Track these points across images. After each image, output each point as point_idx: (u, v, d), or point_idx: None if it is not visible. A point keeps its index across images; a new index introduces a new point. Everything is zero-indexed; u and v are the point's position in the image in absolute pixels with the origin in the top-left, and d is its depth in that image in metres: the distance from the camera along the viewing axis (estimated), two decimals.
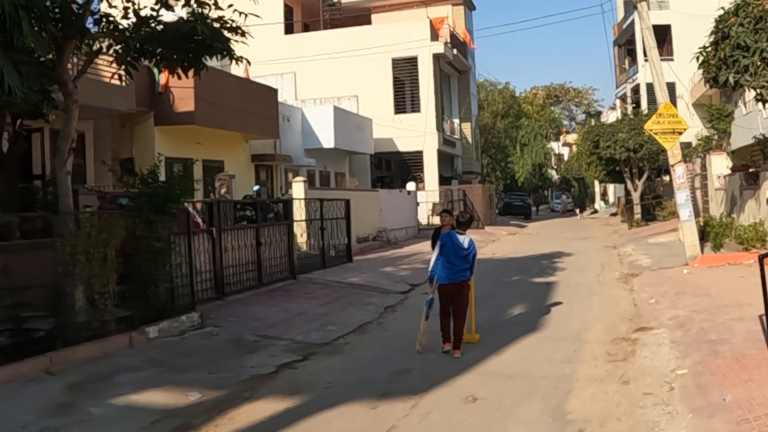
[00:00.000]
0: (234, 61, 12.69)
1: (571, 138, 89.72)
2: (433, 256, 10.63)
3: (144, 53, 12.43)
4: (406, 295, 16.42)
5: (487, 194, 42.66)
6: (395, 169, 43.43)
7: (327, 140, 32.61)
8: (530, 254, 24.50)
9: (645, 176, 36.42)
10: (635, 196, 36.40)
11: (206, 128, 23.41)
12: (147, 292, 11.56)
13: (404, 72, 40.78)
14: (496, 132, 68.68)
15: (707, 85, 19.02)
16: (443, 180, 43.30)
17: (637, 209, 35.95)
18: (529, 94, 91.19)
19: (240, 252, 15.46)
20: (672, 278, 15.55)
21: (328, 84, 40.29)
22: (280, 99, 37.86)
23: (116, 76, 14.02)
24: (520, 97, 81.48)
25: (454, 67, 45.70)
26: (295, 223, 19.91)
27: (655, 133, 17.78)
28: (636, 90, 48.77)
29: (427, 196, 37.67)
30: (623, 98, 53.43)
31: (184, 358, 10.40)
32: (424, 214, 37.89)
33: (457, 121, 47.34)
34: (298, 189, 22.19)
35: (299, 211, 20.17)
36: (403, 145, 40.29)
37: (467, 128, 48.61)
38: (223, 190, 18.24)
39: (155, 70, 21.92)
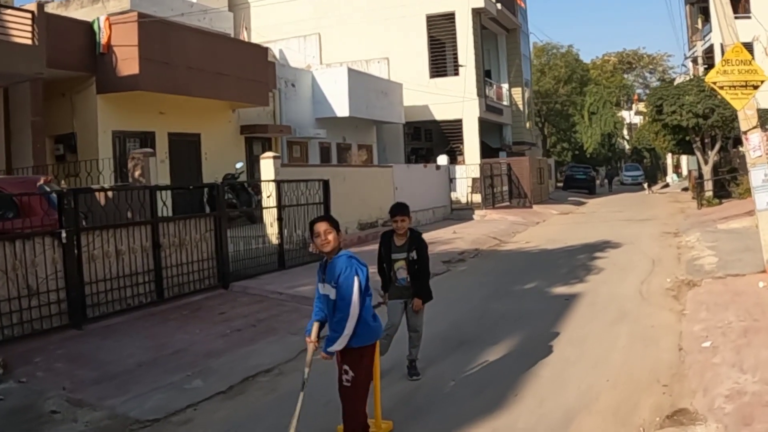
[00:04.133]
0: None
1: (644, 106, 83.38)
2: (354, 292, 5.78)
3: None
4: None
5: (536, 167, 37.51)
6: (436, 140, 38.54)
7: (341, 108, 28.20)
8: (568, 244, 19.56)
9: (717, 147, 30.82)
10: (706, 170, 30.88)
11: (172, 96, 19.14)
12: None
13: (440, 30, 35.96)
14: (559, 99, 63.30)
15: None
16: (490, 152, 38.51)
17: (709, 185, 30.43)
18: (600, 61, 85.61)
19: (120, 259, 11.02)
20: (742, 296, 10.54)
21: (355, 46, 35.99)
22: (300, 62, 33.70)
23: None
24: (589, 64, 76.00)
25: (501, 24, 40.58)
26: (265, 211, 16.03)
27: (721, 87, 12.55)
28: (709, 51, 42.73)
29: (467, 171, 32.67)
30: (695, 61, 47.31)
31: None
32: (463, 192, 32.94)
33: (505, 86, 42.25)
34: (267, 167, 17.65)
35: (269, 196, 15.91)
36: (440, 113, 35.60)
37: (517, 93, 43.39)
38: (137, 173, 13.76)
39: (96, 27, 17.79)
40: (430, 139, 38.64)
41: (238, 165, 21.61)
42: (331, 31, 36.76)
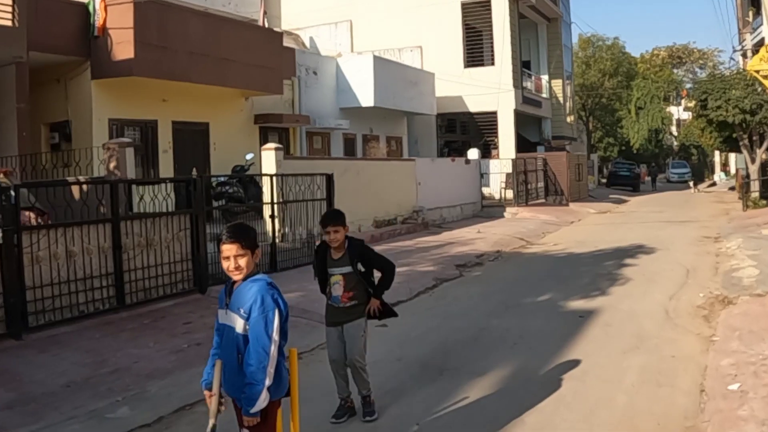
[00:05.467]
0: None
1: (687, 101, 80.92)
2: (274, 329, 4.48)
3: None
4: None
5: (574, 163, 35.76)
6: (472, 132, 36.96)
7: (365, 97, 26.80)
8: (597, 248, 18.01)
9: (766, 144, 28.86)
10: (753, 170, 28.93)
11: (175, 82, 17.95)
12: None
13: (476, 18, 34.37)
14: (604, 92, 61.32)
15: None
16: (528, 146, 36.95)
17: (755, 186, 28.47)
18: (649, 55, 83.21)
19: (71, 262, 9.78)
20: None
21: (387, 34, 34.56)
22: (331, 50, 32.34)
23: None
24: (637, 58, 73.79)
25: (541, 13, 38.83)
26: (265, 207, 14.89)
27: (765, 76, 10.97)
28: (759, 44, 40.51)
29: (501, 166, 31.09)
30: (744, 55, 45.06)
31: None
32: (497, 188, 31.39)
33: (545, 77, 40.48)
34: (269, 159, 16.36)
35: (269, 191, 14.72)
36: (475, 105, 34.09)
37: (558, 86, 41.58)
38: (111, 165, 12.49)
39: (91, 9, 16.64)
40: (466, 131, 37.09)
41: (249, 156, 20.33)
42: (362, 18, 35.37)
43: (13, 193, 8.89)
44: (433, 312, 11.26)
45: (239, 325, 4.38)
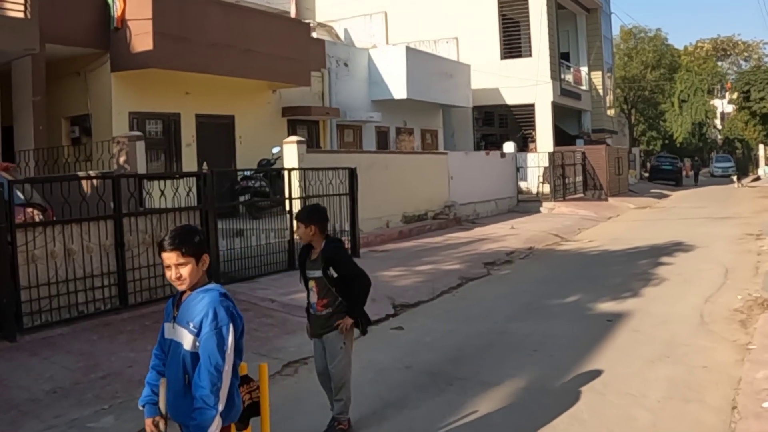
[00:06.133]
0: None
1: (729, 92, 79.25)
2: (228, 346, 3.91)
3: None
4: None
5: (614, 157, 34.83)
6: (510, 126, 36.18)
7: (398, 89, 26.25)
8: (633, 245, 17.28)
9: None
10: None
11: (198, 74, 17.57)
12: None
13: (513, 9, 33.70)
14: (647, 85, 60.13)
15: None
16: (568, 139, 36.19)
17: None
18: (692, 47, 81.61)
19: (71, 260, 9.36)
20: None
21: (423, 25, 34.00)
22: (365, 42, 31.83)
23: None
24: (681, 50, 72.43)
25: (579, 3, 38.02)
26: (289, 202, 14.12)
27: None
28: None
29: (538, 159, 30.32)
30: None
31: None
32: (534, 182, 30.64)
33: (585, 69, 39.58)
34: (291, 153, 15.88)
35: (292, 185, 14.24)
36: (512, 97, 33.47)
37: (597, 78, 40.66)
38: (121, 159, 12.07)
39: (110, 0, 16.32)
40: (505, 124, 36.32)
41: (275, 150, 19.85)
42: (397, 9, 34.81)
43: (5, 189, 8.46)
44: (453, 314, 10.69)
45: (188, 341, 3.85)
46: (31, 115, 14.97)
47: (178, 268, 3.87)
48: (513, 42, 33.80)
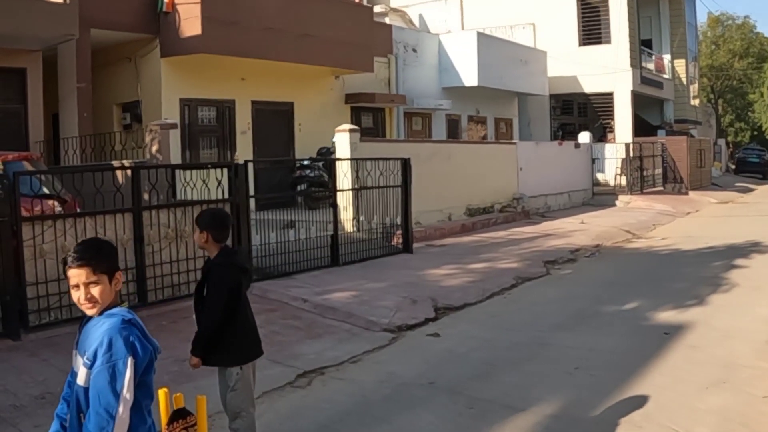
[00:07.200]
0: None
1: None
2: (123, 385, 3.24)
3: None
4: (395, 337, 9.09)
5: (696, 149, 33.28)
6: (590, 115, 34.95)
7: (469, 76, 25.47)
8: (707, 245, 16.17)
9: None
10: None
11: (254, 60, 17.13)
12: None
13: None
14: (735, 74, 57.82)
15: None
16: (649, 129, 34.86)
17: None
18: None
19: None
20: None
21: (499, 11, 33.19)
22: (440, 28, 31.07)
23: None
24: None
25: None
26: (339, 194, 13.69)
27: None
28: None
29: (616, 150, 29.08)
30: None
31: None
32: (612, 174, 29.43)
33: (667, 56, 38.00)
34: (343, 142, 15.26)
35: (345, 176, 13.91)
36: (590, 85, 32.36)
37: (681, 66, 39.03)
38: (154, 148, 11.57)
39: None
40: (584, 114, 35.10)
41: (335, 138, 19.32)
42: None
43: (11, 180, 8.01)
44: (497, 320, 9.89)
45: (81, 374, 3.25)
46: (75, 102, 14.71)
47: (88, 288, 3.26)
48: (592, 28, 32.59)
